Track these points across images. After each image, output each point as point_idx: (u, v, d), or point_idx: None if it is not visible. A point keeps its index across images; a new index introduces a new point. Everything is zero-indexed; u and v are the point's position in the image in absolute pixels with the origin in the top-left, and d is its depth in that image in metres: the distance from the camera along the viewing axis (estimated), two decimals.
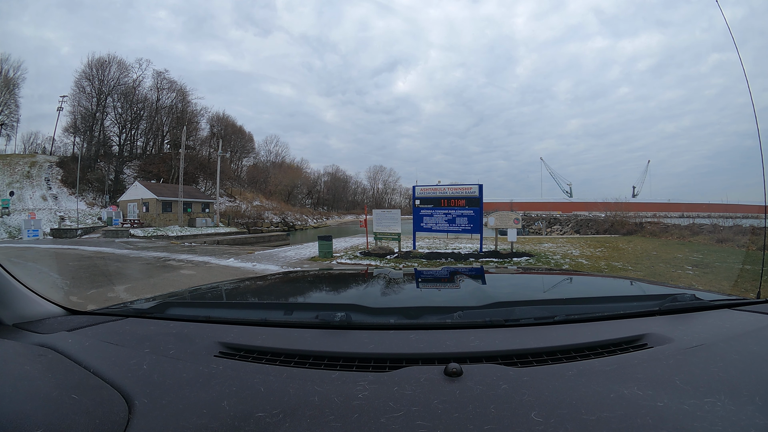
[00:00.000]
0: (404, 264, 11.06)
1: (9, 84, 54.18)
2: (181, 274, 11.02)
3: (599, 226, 28.62)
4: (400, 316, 1.15)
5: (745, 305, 1.29)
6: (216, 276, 10.66)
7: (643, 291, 1.75)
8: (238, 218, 48.47)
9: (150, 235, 30.78)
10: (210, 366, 0.87)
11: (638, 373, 0.79)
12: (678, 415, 0.65)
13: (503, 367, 0.83)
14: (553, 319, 1.09)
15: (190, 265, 12.61)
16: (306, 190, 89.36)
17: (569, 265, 10.55)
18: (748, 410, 0.66)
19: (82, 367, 0.86)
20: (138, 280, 10.53)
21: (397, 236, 13.36)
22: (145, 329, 1.14)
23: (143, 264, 13.32)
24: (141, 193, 40.06)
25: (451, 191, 13.12)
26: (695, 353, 0.90)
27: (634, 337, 0.98)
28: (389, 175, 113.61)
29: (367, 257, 12.56)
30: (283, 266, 11.87)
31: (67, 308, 1.34)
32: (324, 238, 13.67)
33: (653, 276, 8.58)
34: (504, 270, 2.26)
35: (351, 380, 0.79)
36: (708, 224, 14.88)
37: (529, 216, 45.90)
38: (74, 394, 0.73)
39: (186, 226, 37.03)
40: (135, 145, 63.12)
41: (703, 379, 0.77)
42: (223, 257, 14.40)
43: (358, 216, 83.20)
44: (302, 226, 59.79)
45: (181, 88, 65.29)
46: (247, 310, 1.41)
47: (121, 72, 59.57)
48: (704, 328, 1.09)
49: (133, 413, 0.69)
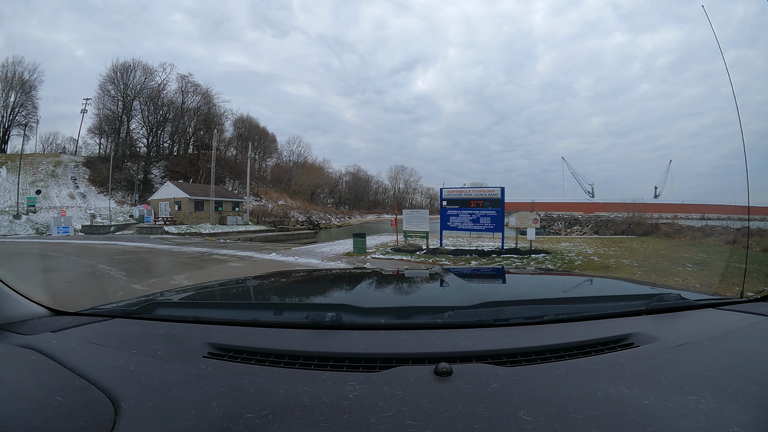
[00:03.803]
0: (433, 259, 12.18)
1: (24, 85, 56.82)
2: (230, 266, 11.57)
3: (617, 227, 29.22)
4: (391, 316, 1.15)
5: (728, 304, 1.31)
6: (263, 268, 11.10)
7: (631, 291, 1.78)
8: (266, 217, 50.47)
9: (183, 232, 32.16)
10: (198, 367, 0.86)
11: (625, 372, 0.80)
12: (664, 413, 0.66)
13: (493, 367, 0.83)
14: (542, 319, 1.10)
15: (235, 258, 13.17)
16: (328, 190, 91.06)
17: (581, 262, 11.53)
18: (731, 408, 0.67)
19: (66, 369, 0.85)
20: (192, 270, 10.93)
21: (426, 234, 14.59)
22: (132, 330, 1.13)
23: (189, 258, 13.73)
24: (173, 192, 42.10)
25: (476, 193, 14.26)
26: (680, 352, 0.91)
27: (621, 336, 0.99)
28: (410, 175, 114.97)
29: (398, 253, 13.65)
30: (323, 260, 12.67)
31: (51, 309, 1.31)
32: (358, 236, 14.95)
33: (654, 271, 9.54)
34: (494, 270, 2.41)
35: (341, 380, 0.79)
36: (719, 226, 15.58)
37: (550, 216, 46.25)
38: (59, 396, 0.72)
39: (217, 224, 38.91)
40: (161, 146, 65.54)
41: (688, 377, 0.78)
42: (263, 252, 15.11)
43: (380, 215, 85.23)
44: (326, 225, 61.50)
45: (206, 91, 67.37)
46: (237, 310, 1.40)
47: (147, 76, 61.92)
48: (689, 327, 1.10)
49: (119, 415, 0.68)
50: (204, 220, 40.03)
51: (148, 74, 62.02)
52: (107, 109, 60.27)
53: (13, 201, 39.57)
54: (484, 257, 12.45)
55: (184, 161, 62.30)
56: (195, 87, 66.58)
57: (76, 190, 49.11)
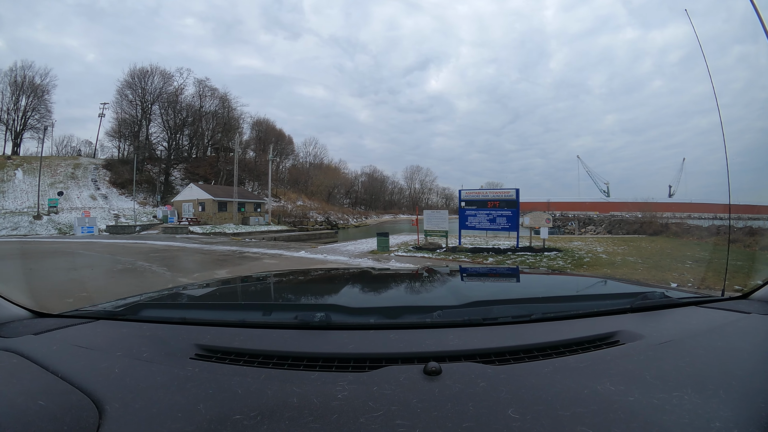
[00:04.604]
0: (452, 256, 13.12)
1: (36, 90, 58.10)
2: (265, 263, 12.07)
3: (629, 226, 29.93)
4: (380, 316, 1.16)
5: (711, 302, 1.34)
6: (295, 265, 11.63)
7: (617, 290, 1.80)
8: (285, 217, 52.08)
9: (208, 232, 33.11)
10: (185, 368, 0.85)
11: (611, 369, 0.82)
12: (648, 409, 0.67)
13: (481, 366, 0.84)
14: (530, 318, 1.12)
15: (267, 256, 13.72)
16: (344, 190, 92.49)
17: (590, 258, 12.41)
18: (713, 403, 0.69)
19: (49, 372, 0.83)
20: (230, 266, 11.27)
21: (445, 233, 15.68)
22: (117, 332, 1.12)
23: (223, 255, 14.11)
24: (196, 193, 43.77)
25: (492, 194, 15.39)
26: (664, 349, 0.93)
27: (607, 334, 1.01)
28: (426, 175, 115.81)
29: (419, 251, 14.63)
30: (350, 257, 13.34)
31: (33, 311, 1.28)
32: (382, 235, 16.09)
33: (655, 267, 10.33)
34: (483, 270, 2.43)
35: (330, 381, 0.79)
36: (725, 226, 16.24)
37: (566, 216, 46.84)
38: (41, 400, 0.71)
39: (240, 224, 40.34)
40: (180, 148, 67.25)
41: (672, 374, 0.80)
42: (291, 250, 15.69)
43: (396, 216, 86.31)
44: (344, 225, 62.76)
45: (223, 95, 69.15)
46: (225, 311, 1.38)
47: (165, 82, 63.68)
48: (672, 324, 1.13)
49: (103, 418, 0.67)
50: (227, 221, 41.54)
51: (167, 80, 64.05)
52: (126, 113, 62.29)
53: (31, 202, 40.63)
54: (500, 255, 13.33)
55: (203, 163, 64.04)
56: (212, 91, 68.47)
57: (97, 192, 50.70)
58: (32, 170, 47.40)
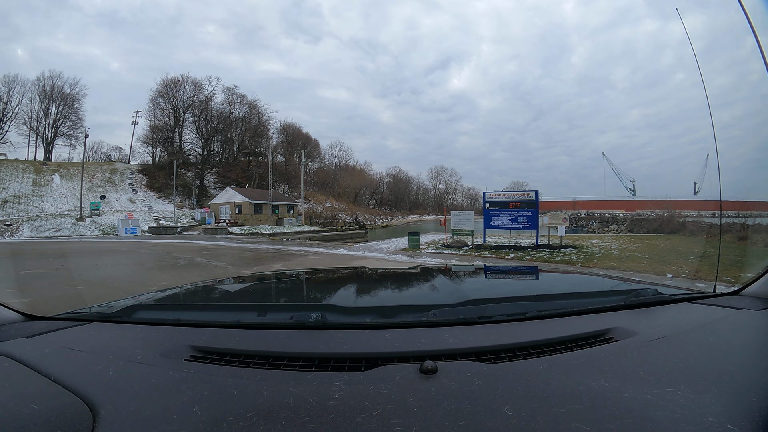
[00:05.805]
0: (478, 253, 14.60)
1: (66, 99, 61.23)
2: (311, 259, 12.67)
3: (650, 225, 30.55)
4: (376, 316, 1.15)
5: (702, 299, 1.35)
6: (338, 261, 12.50)
7: (611, 287, 1.81)
8: (316, 218, 54.55)
9: (246, 232, 34.56)
10: (180, 370, 0.84)
11: (605, 366, 0.82)
12: (642, 404, 0.68)
13: (477, 364, 0.84)
14: (525, 316, 1.12)
15: (309, 253, 14.45)
16: (369, 192, 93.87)
17: (601, 254, 13.63)
18: (705, 398, 0.70)
19: (42, 375, 0.83)
20: (281, 261, 11.74)
21: (471, 232, 17.24)
22: (111, 334, 1.12)
23: (268, 253, 14.76)
24: (233, 197, 46.55)
25: (514, 196, 17.01)
26: (657, 345, 0.94)
27: (601, 331, 1.01)
28: (450, 176, 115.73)
29: (447, 248, 16.11)
30: (386, 254, 14.21)
31: (25, 313, 1.28)
32: (413, 234, 17.82)
33: (659, 262, 11.47)
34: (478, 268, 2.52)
35: (326, 381, 0.79)
36: (737, 224, 16.97)
37: (591, 215, 47.22)
38: (33, 403, 0.71)
39: (275, 225, 42.74)
40: (212, 154, 70.64)
41: (665, 370, 0.80)
42: (329, 248, 16.61)
43: (421, 216, 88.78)
44: (372, 225, 64.53)
45: (252, 101, 72.50)
46: (220, 312, 1.38)
47: (196, 90, 66.71)
48: (665, 321, 1.13)
49: (98, 422, 0.66)
50: (263, 222, 44.04)
51: (198, 88, 66.95)
52: (159, 120, 65.43)
53: (71, 205, 43.48)
54: (520, 251, 14.67)
55: (236, 168, 67.09)
56: (241, 98, 71.42)
57: (135, 195, 53.41)
58: (68, 175, 51.02)
